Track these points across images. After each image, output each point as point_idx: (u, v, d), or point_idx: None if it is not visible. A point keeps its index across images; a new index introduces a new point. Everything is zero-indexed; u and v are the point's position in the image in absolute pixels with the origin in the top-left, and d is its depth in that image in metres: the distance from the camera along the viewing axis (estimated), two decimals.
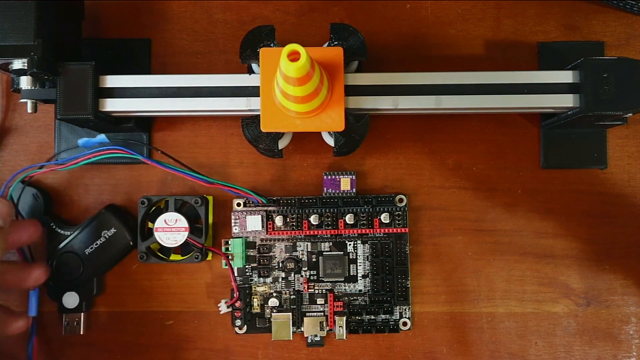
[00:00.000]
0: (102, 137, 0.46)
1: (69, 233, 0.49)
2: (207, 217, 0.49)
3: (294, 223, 0.49)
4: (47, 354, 0.50)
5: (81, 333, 0.49)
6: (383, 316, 0.49)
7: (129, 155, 0.46)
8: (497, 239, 0.50)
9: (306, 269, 0.49)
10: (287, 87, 0.40)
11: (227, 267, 0.48)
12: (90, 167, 0.51)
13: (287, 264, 0.49)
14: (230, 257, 0.49)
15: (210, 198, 0.50)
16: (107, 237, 0.48)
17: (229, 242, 0.49)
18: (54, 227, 0.49)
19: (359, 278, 0.49)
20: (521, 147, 0.51)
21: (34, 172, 0.47)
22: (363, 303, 0.49)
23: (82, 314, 0.49)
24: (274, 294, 0.49)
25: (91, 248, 0.48)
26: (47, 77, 0.44)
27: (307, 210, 0.49)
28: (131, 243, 0.49)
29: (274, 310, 0.49)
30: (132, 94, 0.45)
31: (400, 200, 0.50)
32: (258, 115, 0.44)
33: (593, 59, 0.44)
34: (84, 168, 0.51)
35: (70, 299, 0.48)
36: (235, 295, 0.48)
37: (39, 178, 0.50)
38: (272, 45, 0.45)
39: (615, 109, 0.43)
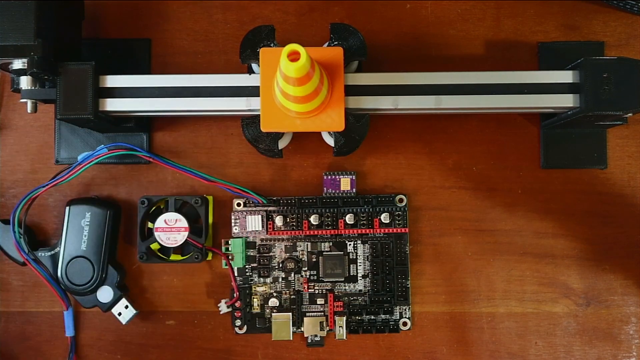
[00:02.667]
0: (101, 147, 0.47)
1: (58, 249, 0.48)
2: (207, 217, 0.49)
3: (294, 223, 0.49)
4: (45, 356, 0.50)
5: (136, 311, 0.49)
6: (383, 316, 0.49)
7: (131, 152, 0.47)
8: (497, 239, 0.50)
9: (306, 269, 0.49)
10: (287, 87, 0.40)
11: (227, 267, 0.48)
12: (90, 168, 0.51)
13: (287, 264, 0.49)
14: (230, 257, 0.49)
15: (210, 198, 0.50)
16: (88, 222, 0.48)
17: (229, 242, 0.49)
18: (42, 254, 0.48)
19: (359, 278, 0.49)
20: (521, 147, 0.51)
21: (38, 192, 0.47)
22: (363, 303, 0.49)
23: (123, 298, 0.49)
24: (274, 294, 0.49)
25: (84, 242, 0.48)
26: (47, 77, 0.44)
27: (307, 210, 0.49)
28: (109, 212, 0.48)
29: (274, 310, 0.49)
30: (132, 94, 0.45)
31: (400, 200, 0.50)
32: (258, 115, 0.44)
33: (593, 59, 0.44)
34: None
35: (105, 294, 0.48)
36: (235, 295, 0.48)
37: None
38: (272, 45, 0.45)
39: (615, 109, 0.43)
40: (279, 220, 0.49)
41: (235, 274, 0.49)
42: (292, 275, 0.49)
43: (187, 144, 0.51)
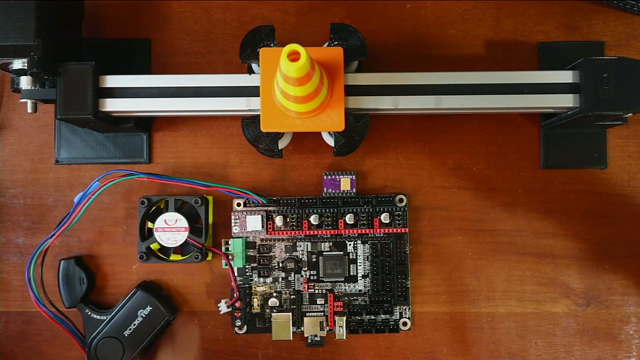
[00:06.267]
0: (93, 182, 0.47)
1: (104, 317, 0.48)
2: (207, 217, 0.49)
3: (294, 223, 0.49)
4: (45, 356, 0.50)
5: None
6: (383, 316, 0.49)
7: (125, 178, 0.47)
8: (497, 239, 0.50)
9: (306, 269, 0.49)
10: (287, 87, 0.40)
11: (227, 267, 0.48)
12: (90, 168, 0.51)
13: (287, 264, 0.49)
14: (230, 257, 0.49)
15: (210, 198, 0.50)
16: (144, 315, 0.48)
17: (229, 242, 0.49)
18: (90, 313, 0.48)
19: (359, 278, 0.49)
20: (521, 147, 0.51)
21: (48, 242, 0.47)
22: (363, 303, 0.49)
23: None
24: (274, 294, 0.49)
25: (129, 329, 0.48)
26: (47, 77, 0.44)
27: (307, 210, 0.49)
28: (170, 318, 0.48)
29: (274, 310, 0.49)
30: (132, 94, 0.45)
31: (400, 200, 0.50)
32: (258, 115, 0.44)
33: (593, 59, 0.44)
34: (83, 168, 0.51)
35: None
36: (235, 295, 0.48)
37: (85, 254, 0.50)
38: (272, 45, 0.44)
39: (615, 109, 0.43)
40: (279, 220, 0.49)
41: (235, 274, 0.49)
42: (292, 275, 0.49)
43: (187, 144, 0.51)
